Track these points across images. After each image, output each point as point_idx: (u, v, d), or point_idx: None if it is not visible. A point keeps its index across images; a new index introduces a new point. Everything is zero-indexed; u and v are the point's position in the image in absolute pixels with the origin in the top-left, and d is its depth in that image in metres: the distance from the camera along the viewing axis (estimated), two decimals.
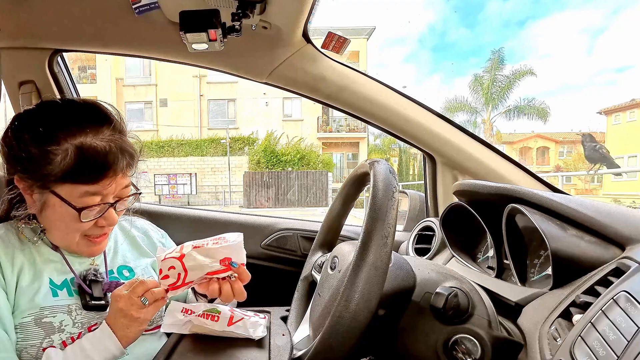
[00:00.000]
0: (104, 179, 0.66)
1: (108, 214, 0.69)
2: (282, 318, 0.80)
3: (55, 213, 0.68)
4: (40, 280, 0.69)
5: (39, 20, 0.97)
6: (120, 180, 0.69)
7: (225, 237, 0.70)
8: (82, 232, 0.70)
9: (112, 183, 0.67)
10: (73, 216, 0.66)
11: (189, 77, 17.38)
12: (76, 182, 0.65)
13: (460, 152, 1.04)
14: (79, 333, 0.68)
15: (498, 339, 0.53)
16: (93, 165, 0.65)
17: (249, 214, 1.36)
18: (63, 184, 0.65)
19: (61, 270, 0.72)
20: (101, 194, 0.67)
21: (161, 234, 0.93)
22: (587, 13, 50.71)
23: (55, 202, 0.67)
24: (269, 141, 15.89)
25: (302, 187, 14.32)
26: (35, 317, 0.66)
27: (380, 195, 0.51)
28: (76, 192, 0.65)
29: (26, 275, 0.68)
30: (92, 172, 0.65)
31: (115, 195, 0.70)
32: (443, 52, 46.74)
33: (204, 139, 16.60)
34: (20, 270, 0.68)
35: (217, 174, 16.02)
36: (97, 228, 0.70)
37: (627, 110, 18.10)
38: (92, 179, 0.65)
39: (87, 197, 0.66)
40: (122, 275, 0.78)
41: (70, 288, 0.71)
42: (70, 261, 0.73)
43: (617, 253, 0.54)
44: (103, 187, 0.66)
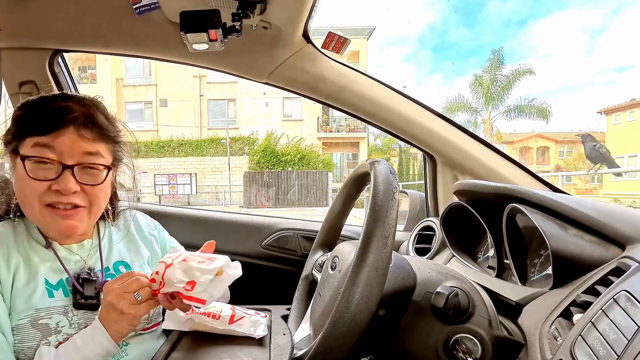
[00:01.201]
0: (54, 130, 0.65)
1: (63, 178, 0.65)
2: (283, 317, 0.80)
3: (17, 175, 0.68)
4: (36, 280, 0.68)
5: (39, 20, 0.98)
6: (79, 142, 0.66)
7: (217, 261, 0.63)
8: (37, 195, 0.66)
9: (65, 137, 0.65)
10: (23, 172, 0.65)
11: (189, 77, 17.37)
12: (30, 135, 0.65)
13: (460, 152, 1.04)
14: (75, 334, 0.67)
15: (498, 339, 0.53)
16: (42, 115, 0.66)
17: (249, 214, 1.37)
18: (23, 141, 0.66)
19: (57, 269, 0.71)
20: (54, 149, 0.65)
21: (154, 225, 0.90)
22: (587, 13, 50.71)
23: (17, 164, 0.67)
24: (269, 141, 15.89)
25: (302, 187, 14.31)
26: (31, 318, 0.65)
27: (380, 196, 0.51)
28: (29, 144, 0.65)
29: (21, 275, 0.67)
30: (42, 121, 0.65)
31: (75, 159, 0.66)
32: (443, 52, 46.80)
33: (204, 139, 16.59)
34: (15, 270, 0.67)
35: (217, 174, 16.01)
36: (54, 194, 0.66)
37: (627, 110, 18.09)
38: (42, 129, 0.65)
39: (37, 148, 0.65)
40: (119, 271, 0.77)
41: (65, 288, 0.70)
42: (65, 261, 0.72)
43: (618, 252, 0.54)
44: (53, 138, 0.65)
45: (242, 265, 0.78)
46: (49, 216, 0.67)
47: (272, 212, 12.60)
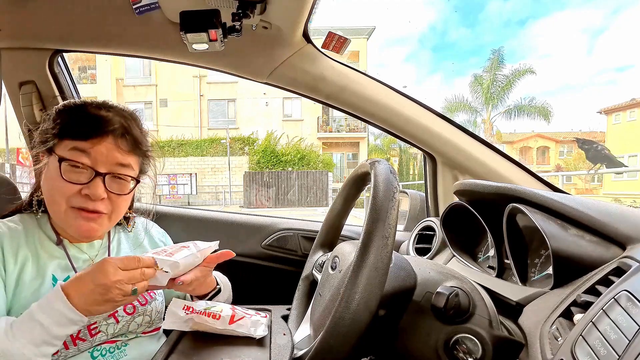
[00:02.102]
0: (93, 137, 0.67)
1: (94, 184, 0.67)
2: (283, 317, 0.80)
3: (48, 172, 0.70)
4: (43, 276, 0.68)
5: (39, 20, 0.97)
6: (114, 152, 0.69)
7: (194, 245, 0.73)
8: (66, 197, 0.68)
9: (102, 146, 0.68)
10: (57, 172, 0.67)
11: (189, 77, 17.37)
12: (69, 138, 0.68)
13: (460, 152, 1.04)
14: (78, 331, 0.67)
15: (499, 339, 0.53)
16: (86, 122, 0.68)
17: (249, 214, 1.36)
18: (61, 142, 0.68)
19: (65, 267, 0.71)
20: (90, 155, 0.67)
21: (162, 232, 0.93)
22: (587, 13, 50.70)
23: (51, 161, 0.69)
24: (269, 141, 15.89)
25: (302, 187, 14.31)
26: None
27: (380, 196, 0.51)
28: (67, 147, 0.68)
29: (29, 270, 0.68)
30: (84, 127, 0.68)
31: (107, 167, 0.69)
32: (443, 51, 46.82)
33: (204, 139, 16.59)
34: (23, 264, 0.68)
35: (217, 174, 16.02)
36: (82, 198, 0.68)
37: (627, 109, 18.09)
38: (83, 134, 0.67)
39: (74, 152, 0.67)
40: None
41: None
42: (73, 259, 0.73)
43: (618, 252, 0.54)
44: (91, 145, 0.67)
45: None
46: (73, 217, 0.69)
47: (272, 212, 12.60)
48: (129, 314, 0.75)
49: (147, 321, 0.77)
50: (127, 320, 0.74)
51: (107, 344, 0.72)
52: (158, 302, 0.81)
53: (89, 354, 0.70)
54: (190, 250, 0.70)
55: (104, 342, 0.72)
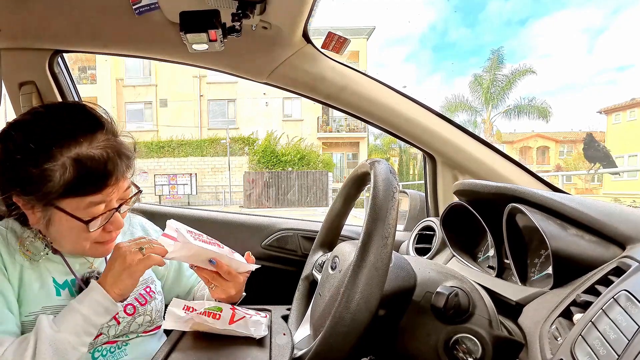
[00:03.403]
0: (106, 188, 0.65)
1: (114, 219, 0.70)
2: (283, 317, 0.80)
3: (63, 227, 0.67)
4: (44, 278, 0.69)
5: (39, 20, 0.98)
6: (122, 184, 0.69)
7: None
8: (90, 241, 0.69)
9: (115, 190, 0.67)
10: (81, 228, 0.66)
11: (189, 77, 17.37)
12: (79, 195, 0.64)
13: (460, 152, 1.04)
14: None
15: (499, 339, 0.53)
16: (94, 176, 0.64)
17: (249, 214, 1.37)
18: (66, 199, 0.64)
19: (63, 271, 0.72)
20: (105, 201, 0.67)
21: (158, 229, 0.93)
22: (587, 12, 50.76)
23: (61, 217, 0.66)
24: (269, 141, 15.89)
25: (302, 187, 14.31)
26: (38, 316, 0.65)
27: (380, 196, 0.51)
28: (81, 204, 0.65)
29: (28, 272, 0.68)
30: (94, 182, 0.64)
31: (119, 200, 0.70)
32: (444, 51, 46.84)
33: (204, 139, 16.59)
34: (21, 268, 0.68)
35: (217, 174, 16.02)
36: (106, 233, 0.71)
37: (627, 109, 18.09)
38: (95, 189, 0.65)
39: (92, 207, 0.66)
40: None
41: (71, 289, 0.71)
42: (70, 263, 0.73)
43: (618, 252, 0.54)
44: (107, 196, 0.66)
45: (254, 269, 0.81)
46: (95, 248, 0.71)
47: (272, 212, 12.60)
48: (130, 314, 0.75)
49: (147, 320, 0.77)
50: (128, 321, 0.74)
51: (107, 344, 0.72)
52: (157, 301, 0.81)
53: (90, 355, 0.70)
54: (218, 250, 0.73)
55: (104, 342, 0.72)
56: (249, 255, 0.79)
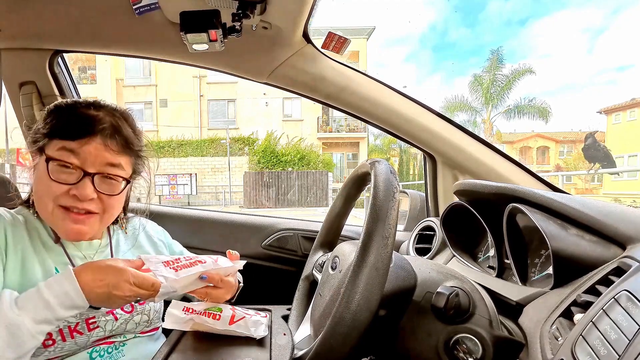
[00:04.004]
0: (82, 137, 0.67)
1: (82, 184, 0.67)
2: (284, 317, 0.80)
3: (37, 172, 0.69)
4: (46, 266, 0.69)
5: (39, 21, 0.97)
6: (103, 152, 0.68)
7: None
8: (54, 196, 0.67)
9: (91, 146, 0.67)
10: (45, 172, 0.66)
11: (189, 77, 17.38)
12: (58, 137, 0.67)
13: (460, 152, 1.04)
14: (76, 323, 0.68)
15: (499, 339, 0.53)
16: (75, 122, 0.68)
17: (249, 214, 1.36)
18: (50, 142, 0.68)
19: (63, 263, 0.72)
20: (79, 155, 0.67)
21: (160, 231, 0.93)
22: (587, 12, 50.76)
23: (40, 162, 0.69)
24: (269, 141, 15.89)
25: (302, 187, 14.31)
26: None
27: (381, 196, 0.51)
28: (55, 146, 0.67)
29: (31, 259, 0.68)
30: (73, 127, 0.67)
31: (96, 168, 0.68)
32: (444, 51, 46.86)
33: (204, 139, 16.59)
34: (23, 254, 0.68)
35: (217, 174, 16.02)
36: (70, 198, 0.67)
37: (627, 109, 18.09)
38: (71, 134, 0.67)
39: (63, 152, 0.66)
40: None
41: None
42: (72, 256, 0.73)
43: (618, 252, 0.54)
44: (80, 145, 0.66)
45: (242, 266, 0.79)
46: (61, 217, 0.69)
47: (273, 212, 12.60)
48: (128, 312, 0.75)
49: (145, 320, 0.77)
50: (125, 318, 0.74)
51: (105, 344, 0.72)
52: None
53: (88, 355, 0.70)
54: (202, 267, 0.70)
55: (102, 342, 0.72)
56: (230, 253, 0.77)
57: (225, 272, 0.73)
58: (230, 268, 0.74)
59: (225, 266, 0.73)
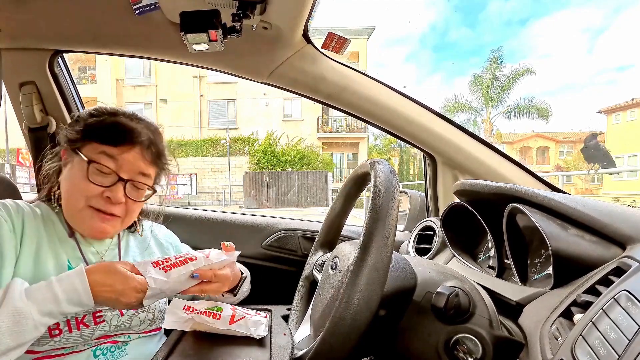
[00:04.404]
0: (123, 144, 0.72)
1: (115, 188, 0.71)
2: (284, 317, 0.80)
3: (72, 171, 0.72)
4: (59, 257, 0.71)
5: (39, 21, 0.98)
6: (139, 161, 0.73)
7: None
8: (86, 196, 0.71)
9: (129, 154, 0.72)
10: (83, 173, 0.70)
11: (189, 77, 17.38)
12: (98, 141, 0.71)
13: (460, 152, 1.04)
14: (83, 315, 0.69)
15: (499, 339, 0.53)
16: (118, 130, 0.73)
17: (249, 214, 1.36)
18: (89, 143, 0.72)
19: (75, 256, 0.73)
20: (117, 161, 0.71)
21: (169, 234, 0.95)
22: (587, 12, 50.75)
23: (76, 160, 0.72)
24: (269, 141, 15.89)
25: (302, 187, 14.31)
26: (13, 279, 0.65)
27: (381, 196, 0.51)
28: (95, 150, 0.71)
29: (45, 249, 0.70)
30: (115, 134, 0.72)
31: (130, 175, 0.73)
32: (444, 51, 46.86)
33: (204, 139, 16.59)
34: (38, 245, 0.69)
35: (217, 175, 16.02)
36: (101, 200, 0.71)
37: (627, 109, 18.09)
38: (113, 140, 0.71)
39: (104, 157, 0.71)
40: None
41: None
42: (84, 251, 0.75)
43: (618, 252, 0.54)
44: (120, 152, 0.71)
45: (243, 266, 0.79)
46: (89, 216, 0.72)
47: (273, 212, 12.60)
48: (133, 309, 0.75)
49: (149, 319, 0.78)
50: (130, 314, 0.75)
51: (108, 343, 0.73)
52: (161, 301, 0.81)
53: (92, 352, 0.70)
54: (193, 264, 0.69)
55: (106, 341, 0.73)
56: (225, 245, 0.77)
57: (219, 266, 0.73)
58: (224, 261, 0.73)
59: (217, 260, 0.72)
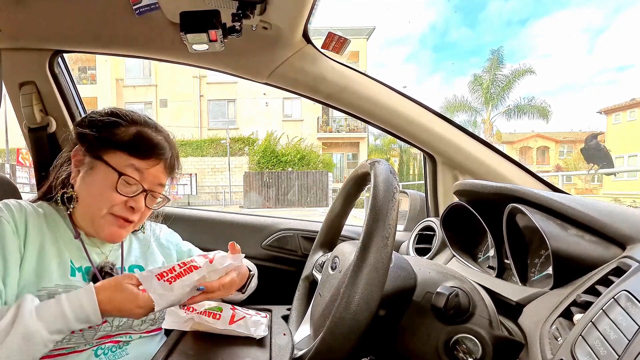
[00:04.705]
0: (150, 159, 0.74)
1: (139, 198, 0.74)
2: (284, 317, 0.80)
3: (96, 178, 0.73)
4: (62, 257, 0.71)
5: (39, 21, 0.98)
6: (161, 174, 0.76)
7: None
8: (111, 205, 0.72)
9: (154, 168, 0.75)
10: (111, 183, 0.71)
11: (188, 77, 17.37)
12: (127, 153, 0.73)
13: (460, 152, 1.04)
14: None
15: (499, 339, 0.53)
16: (146, 144, 0.74)
17: (249, 214, 1.36)
18: (115, 153, 0.73)
19: (80, 256, 0.74)
20: (142, 174, 0.73)
21: (169, 232, 0.96)
22: (588, 12, 50.76)
23: (100, 168, 0.73)
24: (269, 141, 15.89)
25: (302, 187, 14.31)
26: (49, 292, 0.66)
27: (380, 196, 0.51)
28: (124, 162, 0.72)
29: (48, 249, 0.70)
30: (144, 148, 0.74)
31: (151, 186, 0.75)
32: (444, 51, 46.87)
33: (204, 139, 16.59)
34: (41, 244, 0.70)
35: (217, 175, 16.02)
36: (124, 208, 0.73)
37: (627, 109, 18.09)
38: (142, 154, 0.73)
39: (131, 169, 0.73)
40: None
41: (85, 275, 0.72)
42: (89, 251, 0.75)
43: (618, 252, 0.54)
44: (147, 166, 0.74)
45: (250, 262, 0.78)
46: (110, 222, 0.74)
47: (273, 212, 12.60)
48: None
49: (150, 319, 0.78)
50: None
51: (110, 343, 0.73)
52: None
53: (93, 352, 0.71)
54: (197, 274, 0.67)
55: (108, 341, 0.73)
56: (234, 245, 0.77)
57: (224, 272, 0.71)
58: (228, 266, 0.71)
59: (221, 266, 0.70)
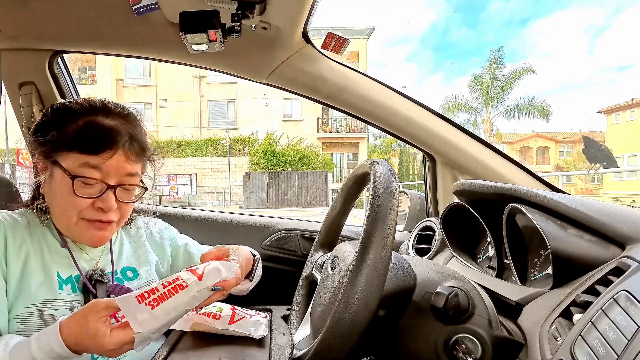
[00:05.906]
0: (104, 151, 0.66)
1: (106, 196, 0.67)
2: (283, 317, 0.80)
3: (56, 185, 0.68)
4: (48, 271, 0.68)
5: (39, 21, 0.98)
6: (124, 163, 0.68)
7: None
8: (78, 211, 0.67)
9: (113, 159, 0.67)
10: (69, 187, 0.65)
11: (188, 77, 17.38)
12: (77, 151, 0.66)
13: (460, 152, 1.04)
14: None
15: (498, 339, 0.53)
16: (94, 136, 0.66)
17: (249, 214, 1.36)
18: (67, 154, 0.66)
19: (68, 265, 0.71)
20: (101, 170, 0.66)
21: (164, 226, 0.91)
22: (588, 12, 50.79)
23: (57, 174, 0.67)
24: (269, 141, 15.89)
25: (302, 187, 14.31)
26: (38, 308, 0.65)
27: (380, 196, 0.51)
28: (76, 162, 0.66)
29: (32, 263, 0.67)
30: (94, 142, 0.66)
31: (117, 179, 0.68)
32: (444, 51, 46.88)
33: (204, 139, 16.59)
34: (26, 258, 0.67)
35: (217, 175, 16.02)
36: (95, 211, 0.68)
37: (627, 109, 18.09)
38: (92, 149, 0.66)
39: (86, 168, 0.66)
40: (126, 276, 0.77)
41: (74, 285, 0.70)
42: (77, 258, 0.72)
43: (617, 252, 0.54)
44: (102, 160, 0.66)
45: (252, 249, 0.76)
46: (85, 228, 0.69)
47: (272, 212, 12.60)
48: None
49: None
50: None
51: None
52: None
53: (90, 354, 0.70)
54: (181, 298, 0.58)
55: None
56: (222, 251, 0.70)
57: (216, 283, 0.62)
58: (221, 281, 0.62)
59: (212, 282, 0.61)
